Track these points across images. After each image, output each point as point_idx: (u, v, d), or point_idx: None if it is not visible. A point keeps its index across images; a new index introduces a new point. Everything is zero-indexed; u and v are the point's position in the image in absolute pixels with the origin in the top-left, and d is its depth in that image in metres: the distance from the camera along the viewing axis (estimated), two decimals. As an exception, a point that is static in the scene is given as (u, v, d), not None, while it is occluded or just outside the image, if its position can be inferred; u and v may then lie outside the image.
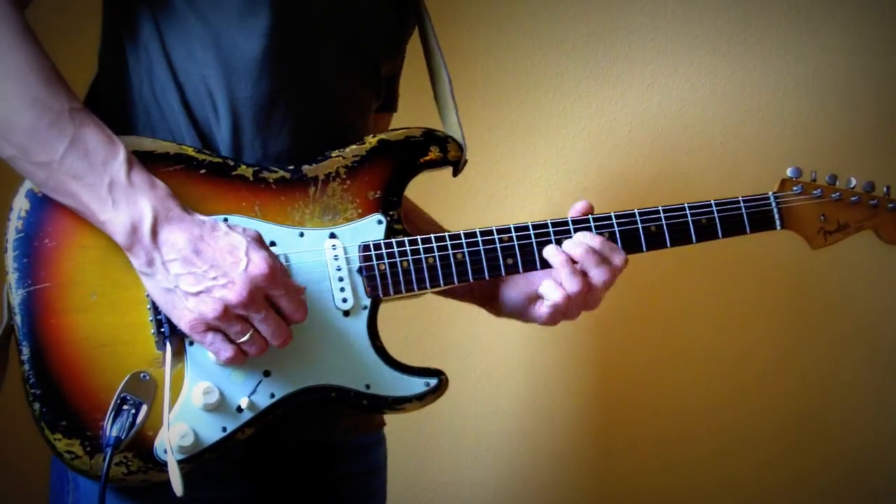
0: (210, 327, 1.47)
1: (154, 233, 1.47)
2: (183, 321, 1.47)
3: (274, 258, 1.49)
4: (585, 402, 2.57)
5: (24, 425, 1.57)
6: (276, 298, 1.49)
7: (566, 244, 1.68)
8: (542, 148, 2.52)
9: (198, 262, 1.46)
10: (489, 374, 2.52)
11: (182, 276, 1.46)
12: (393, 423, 1.89)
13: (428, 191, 1.89)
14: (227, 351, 1.48)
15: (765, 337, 2.55)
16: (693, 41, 2.53)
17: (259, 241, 1.51)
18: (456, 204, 1.70)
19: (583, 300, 1.69)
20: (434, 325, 1.61)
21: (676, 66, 2.53)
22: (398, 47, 1.83)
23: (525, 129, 2.53)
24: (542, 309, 1.71)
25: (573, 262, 1.66)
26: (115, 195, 1.46)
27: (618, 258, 1.69)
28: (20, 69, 1.46)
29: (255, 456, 1.62)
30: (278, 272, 1.49)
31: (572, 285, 1.66)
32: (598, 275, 1.67)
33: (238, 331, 1.48)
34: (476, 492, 2.55)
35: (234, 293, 1.45)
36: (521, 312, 1.77)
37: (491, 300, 1.80)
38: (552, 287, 1.68)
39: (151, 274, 1.48)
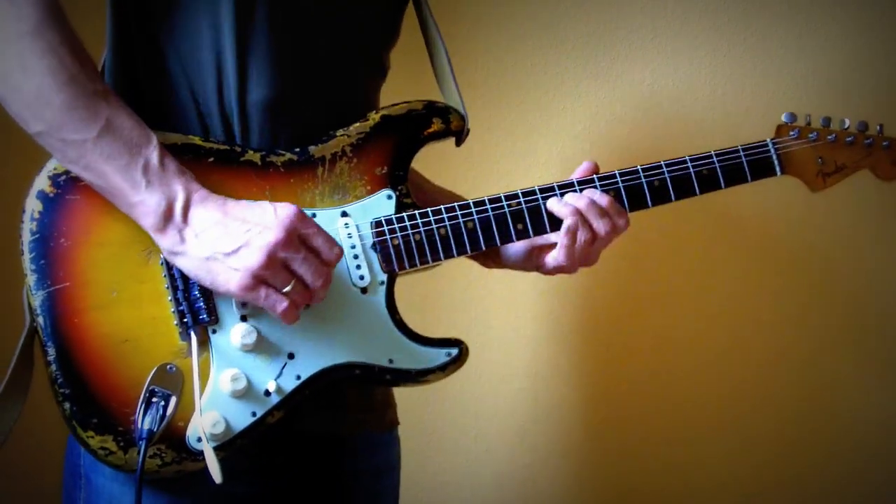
0: (259, 280, 1.48)
1: (185, 212, 1.48)
2: (232, 282, 1.48)
3: (295, 205, 1.51)
4: (585, 402, 2.57)
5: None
6: (310, 238, 1.50)
7: (568, 196, 1.70)
8: (543, 148, 2.51)
9: (230, 223, 1.48)
10: (489, 375, 2.53)
11: (218, 239, 1.47)
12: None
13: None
14: (284, 302, 1.48)
15: (765, 335, 2.55)
16: (693, 41, 2.51)
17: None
18: None
19: (585, 254, 1.72)
20: (434, 326, 1.62)
21: (676, 66, 2.52)
22: (396, 29, 1.83)
23: (525, 129, 2.52)
24: (547, 258, 1.74)
25: (578, 211, 1.68)
26: (150, 177, 1.48)
27: (621, 220, 1.71)
28: (56, 47, 1.46)
29: (267, 450, 1.62)
30: (305, 213, 1.51)
31: (580, 233, 1.69)
32: (599, 227, 1.69)
33: (284, 279, 1.49)
34: (476, 492, 2.56)
35: (272, 235, 1.46)
36: (523, 264, 1.79)
37: (494, 258, 1.82)
38: (559, 234, 1.71)
39: (184, 251, 1.49)
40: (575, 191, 1.71)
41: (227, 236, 1.47)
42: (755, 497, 2.57)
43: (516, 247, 1.76)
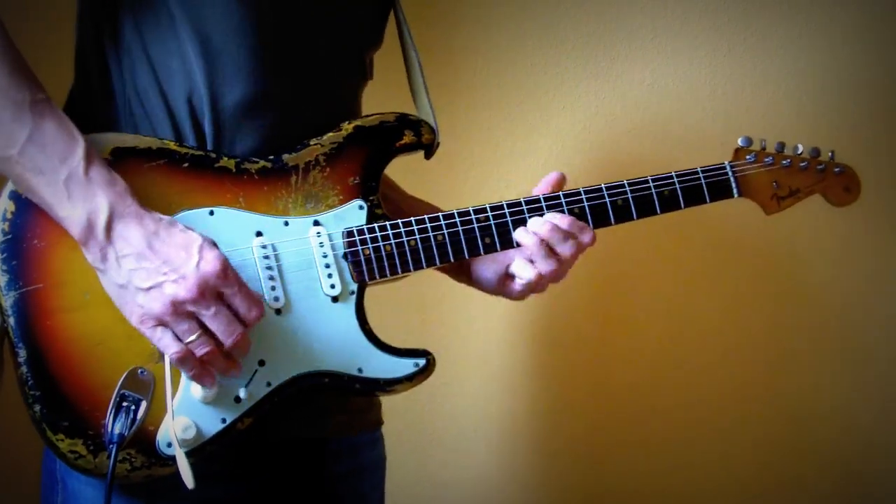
0: (158, 322, 1.47)
1: (109, 228, 1.46)
2: (133, 316, 1.47)
3: (225, 258, 1.49)
4: (586, 402, 2.58)
5: (19, 427, 1.57)
6: (229, 297, 1.49)
7: (532, 223, 1.72)
8: (543, 148, 2.52)
9: (151, 257, 1.46)
10: (489, 375, 2.53)
11: (135, 272, 1.46)
12: (393, 423, 1.91)
13: (429, 191, 1.92)
14: (174, 347, 1.47)
15: (762, 338, 2.58)
16: (693, 41, 2.54)
17: (213, 244, 1.51)
18: (457, 204, 1.72)
19: (553, 274, 1.74)
20: (433, 325, 1.63)
21: (676, 66, 2.54)
22: (378, 32, 1.83)
23: (525, 129, 2.53)
24: (515, 286, 1.76)
25: (543, 240, 1.70)
26: (72, 190, 1.45)
27: (586, 236, 1.73)
28: None
29: (247, 455, 1.63)
30: (230, 270, 1.49)
31: (544, 265, 1.71)
32: (564, 250, 1.71)
33: (185, 329, 1.47)
34: (476, 492, 2.56)
35: (184, 288, 1.46)
36: (494, 290, 1.81)
37: (466, 276, 1.84)
38: (523, 266, 1.73)
39: (105, 270, 1.48)
40: (541, 211, 1.73)
41: (144, 271, 1.46)
42: (755, 498, 2.60)
43: (488, 272, 1.78)
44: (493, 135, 2.51)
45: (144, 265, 1.46)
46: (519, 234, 1.71)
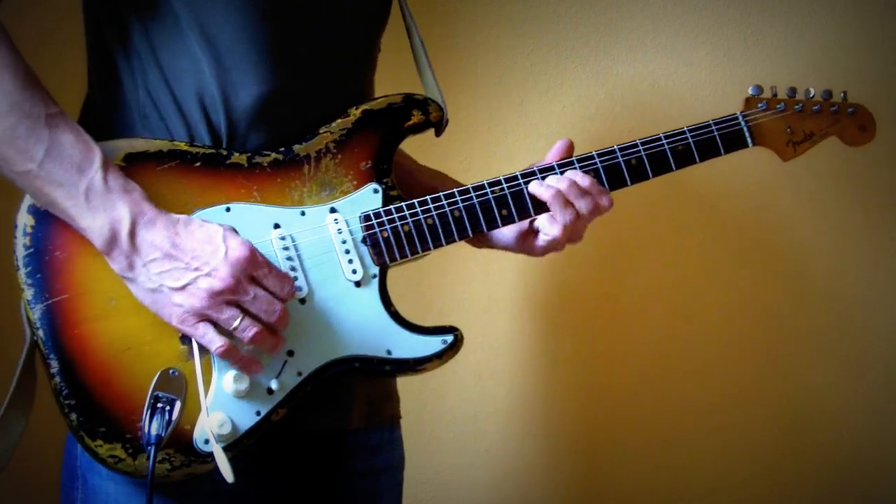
0: (200, 318, 1.49)
1: (132, 236, 1.48)
2: (174, 317, 1.49)
3: (250, 243, 1.51)
4: (585, 402, 2.59)
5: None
6: (261, 279, 1.51)
7: (550, 179, 1.72)
8: (543, 148, 2.45)
9: (179, 256, 1.48)
10: (489, 374, 2.54)
11: (165, 273, 1.48)
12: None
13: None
14: (219, 342, 1.49)
15: (762, 337, 2.58)
16: (693, 41, 2.53)
17: (234, 230, 1.53)
18: None
19: (571, 232, 1.74)
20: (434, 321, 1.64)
21: (676, 66, 2.54)
22: (386, 13, 1.83)
23: (525, 129, 2.53)
24: (539, 242, 1.76)
25: (560, 192, 1.70)
26: (93, 201, 1.47)
27: (604, 199, 1.74)
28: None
29: (267, 449, 1.63)
30: (257, 253, 1.51)
31: (565, 216, 1.71)
32: (583, 206, 1.71)
33: (229, 317, 1.49)
34: (476, 492, 2.57)
35: (218, 279, 1.48)
36: (515, 247, 1.81)
37: (485, 241, 1.83)
38: (547, 221, 1.73)
39: (133, 278, 1.50)
40: (556, 173, 1.73)
41: (175, 271, 1.48)
42: (753, 499, 2.60)
43: (506, 230, 1.78)
44: (493, 135, 2.51)
45: (174, 265, 1.48)
46: (534, 187, 1.71)
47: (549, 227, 1.72)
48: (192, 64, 1.61)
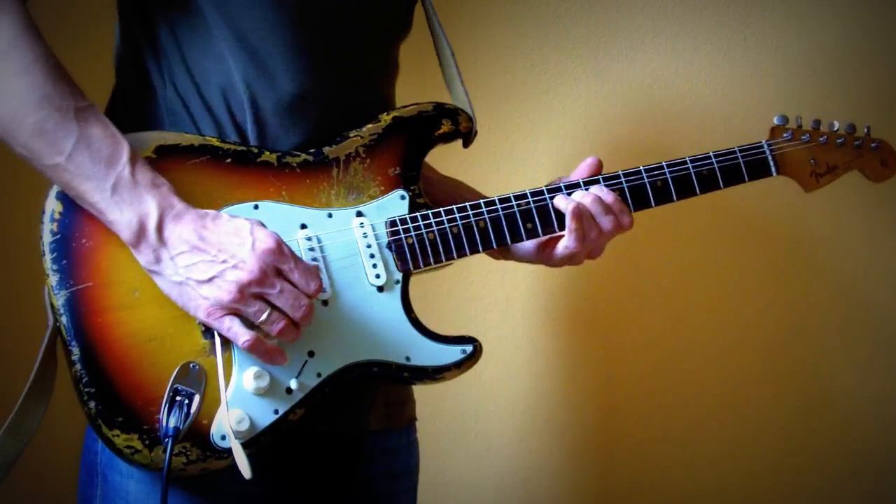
0: (228, 311, 1.49)
1: (160, 229, 1.48)
2: (200, 310, 1.49)
3: (278, 236, 1.51)
4: (585, 402, 2.59)
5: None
6: (287, 273, 1.51)
7: (576, 194, 1.73)
8: (543, 148, 2.53)
9: (206, 249, 1.48)
10: (489, 375, 2.53)
11: (192, 266, 1.48)
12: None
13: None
14: (246, 335, 1.49)
15: (765, 335, 2.58)
16: (693, 41, 2.54)
17: (261, 224, 1.53)
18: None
19: (590, 245, 1.74)
20: (432, 326, 1.63)
21: (676, 66, 2.55)
22: (408, 21, 1.84)
23: (525, 129, 2.54)
24: (557, 252, 1.75)
25: (584, 208, 1.71)
26: (121, 194, 1.47)
27: (626, 218, 1.74)
28: (28, 66, 1.46)
29: (285, 450, 1.63)
30: (285, 246, 1.51)
31: (587, 231, 1.71)
32: (604, 223, 1.72)
33: (256, 310, 1.49)
34: (476, 492, 2.56)
35: (246, 272, 1.47)
36: (533, 258, 1.80)
37: (503, 251, 1.82)
38: (568, 234, 1.73)
39: (159, 271, 1.49)
40: (582, 190, 1.74)
41: (202, 263, 1.48)
42: (753, 498, 2.60)
43: (528, 242, 1.77)
44: (492, 135, 2.51)
45: (201, 258, 1.48)
46: (558, 201, 1.72)
47: (567, 238, 1.72)
48: (219, 64, 1.62)
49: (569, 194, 1.73)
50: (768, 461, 2.59)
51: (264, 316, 1.49)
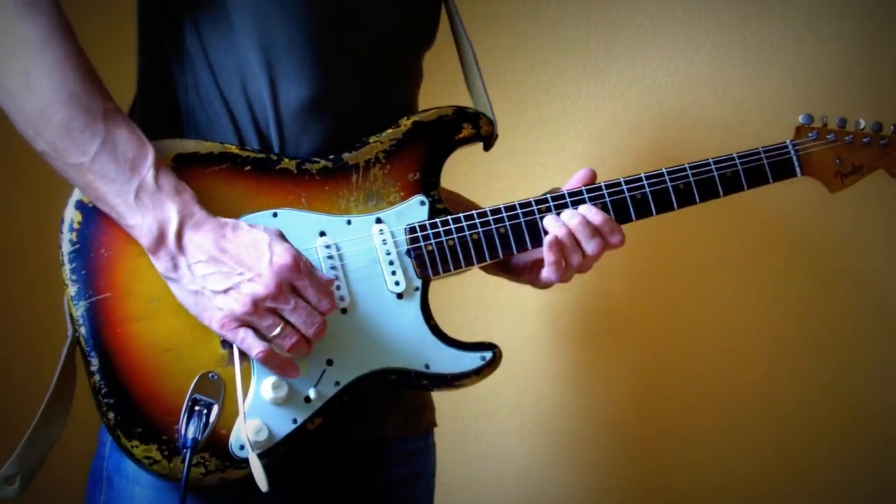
0: (242, 323, 1.48)
1: (179, 237, 1.48)
2: (214, 321, 1.49)
3: (296, 250, 1.51)
4: (586, 402, 2.58)
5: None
6: (302, 289, 1.50)
7: (565, 214, 1.70)
8: (543, 148, 2.52)
9: (224, 260, 1.48)
10: (489, 375, 2.54)
11: (209, 276, 1.48)
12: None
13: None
14: (259, 347, 1.49)
15: (769, 335, 2.58)
16: (693, 41, 2.53)
17: (281, 235, 1.52)
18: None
19: (577, 267, 1.72)
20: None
21: (676, 66, 2.53)
22: (432, 34, 1.84)
23: (525, 129, 2.53)
24: (542, 273, 1.73)
25: (570, 232, 1.69)
26: (143, 200, 1.47)
27: (615, 238, 1.71)
28: (62, 62, 1.46)
29: (302, 459, 1.63)
30: (302, 262, 1.50)
31: (570, 256, 1.70)
32: (589, 247, 1.69)
33: (270, 324, 1.49)
34: (476, 492, 2.57)
35: (262, 285, 1.47)
36: (523, 276, 1.80)
37: (500, 268, 1.82)
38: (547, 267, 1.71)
39: (177, 279, 1.49)
40: (602, 198, 1.72)
41: (219, 274, 1.48)
42: (756, 498, 2.60)
43: (521, 258, 1.76)
44: (493, 134, 2.51)
45: (218, 268, 1.48)
46: (548, 222, 1.70)
47: (548, 271, 1.71)
48: (243, 66, 1.61)
49: (574, 206, 1.71)
50: (768, 461, 2.59)
51: (277, 331, 1.49)
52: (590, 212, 1.70)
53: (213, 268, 1.48)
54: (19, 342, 2.36)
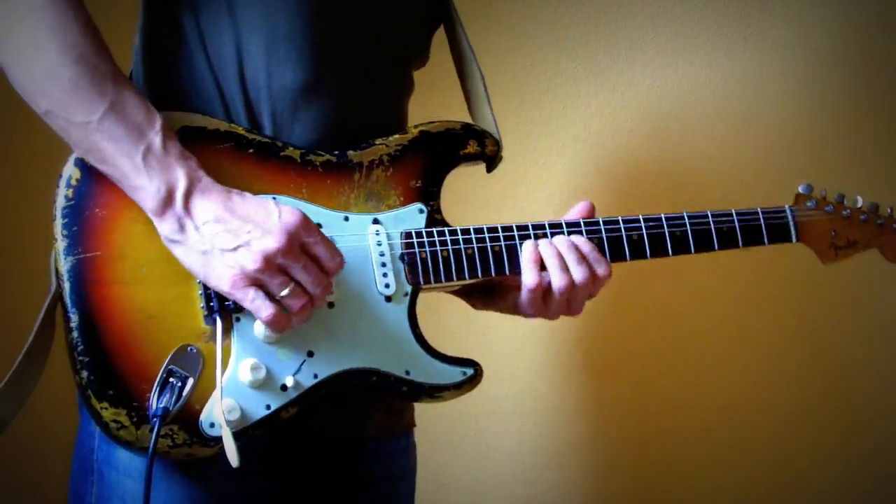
0: (252, 282, 1.46)
1: (187, 199, 1.47)
2: (224, 279, 1.46)
3: (301, 210, 1.50)
4: (585, 403, 2.57)
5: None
6: (311, 246, 1.49)
7: (556, 239, 1.70)
8: (543, 148, 2.53)
9: (232, 219, 1.46)
10: (489, 375, 2.46)
11: (218, 235, 1.46)
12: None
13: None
14: (269, 308, 1.46)
15: (766, 338, 2.57)
16: (693, 41, 2.56)
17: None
18: (456, 204, 1.73)
19: (566, 301, 1.70)
20: (432, 328, 1.61)
21: (676, 66, 2.56)
22: (425, 50, 1.86)
23: (525, 129, 2.55)
24: (521, 298, 1.71)
25: (557, 253, 1.68)
26: (151, 162, 1.46)
27: (601, 268, 1.70)
28: (69, 23, 1.46)
29: (282, 451, 1.61)
30: (309, 220, 1.50)
31: (556, 278, 1.68)
32: (577, 273, 1.68)
33: (280, 282, 1.47)
34: (475, 492, 2.55)
35: (272, 241, 1.45)
36: (510, 305, 1.77)
37: (483, 294, 1.81)
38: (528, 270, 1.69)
39: (182, 240, 1.47)
40: (599, 233, 1.72)
41: (228, 233, 1.46)
42: (756, 498, 2.58)
43: (506, 280, 1.74)
44: (492, 135, 2.52)
45: (227, 227, 1.46)
46: (527, 246, 1.68)
47: (527, 274, 1.69)
48: (237, 50, 1.62)
49: (570, 234, 1.71)
50: (768, 461, 2.57)
51: (288, 289, 1.47)
52: (579, 239, 1.70)
53: (221, 227, 1.46)
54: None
